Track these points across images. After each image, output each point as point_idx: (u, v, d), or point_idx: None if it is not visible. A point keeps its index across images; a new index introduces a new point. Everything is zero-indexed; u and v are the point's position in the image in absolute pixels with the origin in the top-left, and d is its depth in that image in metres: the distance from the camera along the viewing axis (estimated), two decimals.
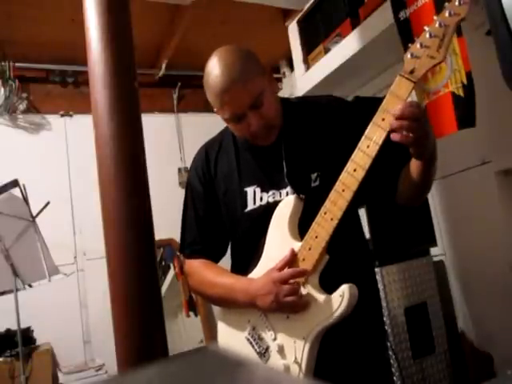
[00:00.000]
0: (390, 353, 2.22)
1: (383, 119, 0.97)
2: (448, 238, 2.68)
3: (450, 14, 0.92)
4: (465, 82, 1.94)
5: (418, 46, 0.95)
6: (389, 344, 2.25)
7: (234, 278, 1.18)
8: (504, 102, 2.01)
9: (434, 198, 2.73)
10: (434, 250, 2.69)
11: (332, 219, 1.01)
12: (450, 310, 2.62)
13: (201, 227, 1.27)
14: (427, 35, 0.94)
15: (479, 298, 2.49)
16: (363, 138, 0.98)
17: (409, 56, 0.96)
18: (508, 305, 2.26)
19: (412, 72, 0.96)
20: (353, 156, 0.99)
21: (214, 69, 1.10)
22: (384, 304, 2.30)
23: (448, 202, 2.67)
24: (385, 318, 2.29)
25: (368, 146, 0.98)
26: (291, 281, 1.04)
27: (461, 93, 1.96)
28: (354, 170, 0.99)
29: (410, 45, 0.98)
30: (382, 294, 2.32)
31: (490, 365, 2.41)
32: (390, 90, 0.97)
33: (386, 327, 2.28)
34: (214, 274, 1.21)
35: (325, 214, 1.02)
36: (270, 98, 1.14)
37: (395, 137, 0.94)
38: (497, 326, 2.37)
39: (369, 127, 0.98)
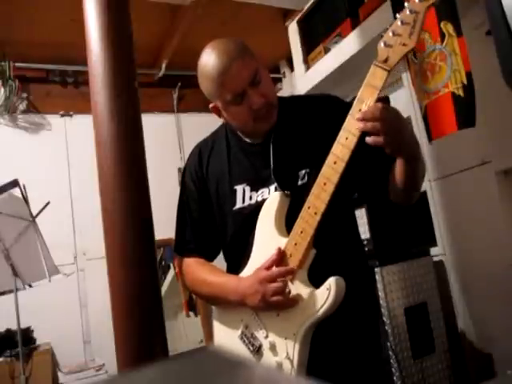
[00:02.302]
0: (390, 353, 2.22)
1: (360, 110, 0.97)
2: (448, 238, 2.68)
3: (419, 0, 0.92)
4: (465, 81, 1.94)
5: (391, 34, 0.95)
6: (389, 344, 2.25)
7: (225, 277, 1.19)
8: (504, 102, 2.01)
9: (433, 198, 2.73)
10: (434, 250, 2.69)
11: (316, 213, 1.01)
12: (450, 310, 2.62)
13: (195, 226, 1.27)
14: (399, 23, 0.94)
15: (479, 298, 2.49)
16: (341, 130, 0.99)
17: (382, 45, 0.97)
18: (508, 305, 2.26)
19: (386, 61, 0.96)
20: (332, 149, 1.00)
21: (209, 58, 1.12)
22: (384, 304, 2.30)
23: (448, 202, 2.67)
24: (385, 318, 2.29)
25: (346, 138, 0.98)
26: (278, 279, 1.04)
27: (461, 93, 1.96)
28: (335, 163, 0.99)
29: (383, 34, 0.98)
30: (381, 294, 2.32)
31: (490, 365, 2.41)
32: (365, 81, 0.98)
33: (386, 327, 2.28)
34: (207, 273, 1.22)
35: (309, 208, 1.03)
36: (266, 77, 1.16)
37: (368, 139, 0.95)
38: (497, 326, 2.37)
39: (346, 119, 0.99)
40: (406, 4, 0.94)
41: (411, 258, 2.49)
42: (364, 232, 2.39)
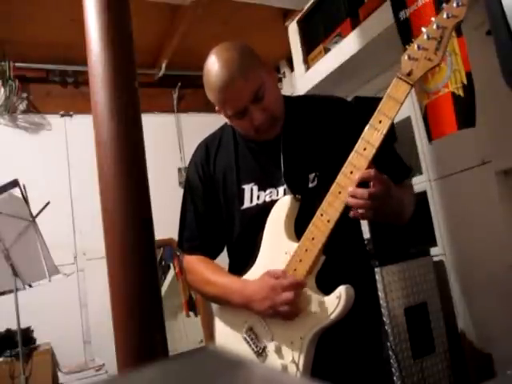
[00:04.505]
0: (390, 353, 2.22)
1: (380, 121, 0.97)
2: (448, 237, 2.68)
3: (447, 16, 0.92)
4: (465, 81, 1.94)
5: (416, 47, 0.95)
6: (389, 344, 2.25)
7: (230, 278, 1.18)
8: (504, 102, 2.01)
9: (433, 198, 2.73)
10: (434, 250, 2.69)
11: (329, 221, 1.01)
12: (450, 310, 2.62)
13: (199, 223, 1.27)
14: (425, 37, 0.94)
15: (479, 298, 2.49)
16: (360, 139, 0.99)
17: (406, 58, 0.96)
18: (508, 305, 2.26)
19: (409, 74, 0.96)
20: (350, 158, 0.99)
21: (213, 67, 1.10)
22: (384, 304, 2.30)
23: (448, 202, 2.67)
24: (385, 318, 2.29)
25: (365, 149, 0.98)
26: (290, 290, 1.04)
27: (461, 93, 1.96)
28: (351, 173, 0.99)
29: (407, 46, 0.98)
30: (381, 294, 2.32)
31: (490, 365, 2.41)
32: (387, 93, 0.97)
33: (386, 327, 2.28)
34: (211, 272, 1.21)
35: (321, 215, 1.02)
36: (271, 90, 1.14)
37: (352, 214, 0.98)
38: (497, 326, 2.37)
39: (366, 129, 0.98)
40: (432, 19, 0.94)
41: (411, 258, 2.49)
42: (364, 232, 2.39)
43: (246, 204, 1.18)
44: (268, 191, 1.17)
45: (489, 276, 2.39)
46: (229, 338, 1.18)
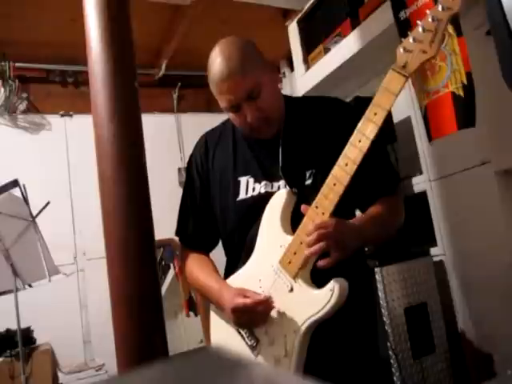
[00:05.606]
0: (390, 353, 2.22)
1: (375, 114, 0.97)
2: (448, 237, 2.68)
3: (442, 9, 0.92)
4: (465, 81, 1.94)
5: (411, 40, 0.95)
6: (389, 344, 2.25)
7: (212, 283, 1.21)
8: (504, 102, 2.01)
9: (433, 198, 2.73)
10: (434, 250, 2.69)
11: (323, 213, 1.01)
12: (450, 310, 2.62)
13: (196, 217, 1.30)
14: (420, 29, 0.94)
15: (479, 298, 2.49)
16: (355, 132, 0.99)
17: (401, 50, 0.97)
18: (508, 305, 2.26)
19: (404, 66, 0.96)
20: (345, 150, 1.00)
21: (215, 59, 1.14)
22: (384, 304, 2.30)
23: (448, 202, 2.67)
24: (385, 318, 2.29)
25: (360, 141, 0.98)
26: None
27: (461, 93, 1.96)
28: (346, 165, 0.99)
29: (402, 39, 0.98)
30: (381, 294, 2.32)
31: (490, 365, 2.40)
32: (381, 85, 0.98)
33: (386, 327, 2.28)
34: (204, 276, 1.25)
35: (316, 207, 1.03)
36: (269, 90, 1.16)
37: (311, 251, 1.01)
38: (497, 326, 2.37)
39: (361, 122, 0.99)
40: (427, 11, 0.94)
41: (411, 258, 2.49)
42: None
43: (242, 196, 1.20)
44: (263, 183, 1.18)
45: (489, 276, 2.39)
46: (224, 331, 1.19)
